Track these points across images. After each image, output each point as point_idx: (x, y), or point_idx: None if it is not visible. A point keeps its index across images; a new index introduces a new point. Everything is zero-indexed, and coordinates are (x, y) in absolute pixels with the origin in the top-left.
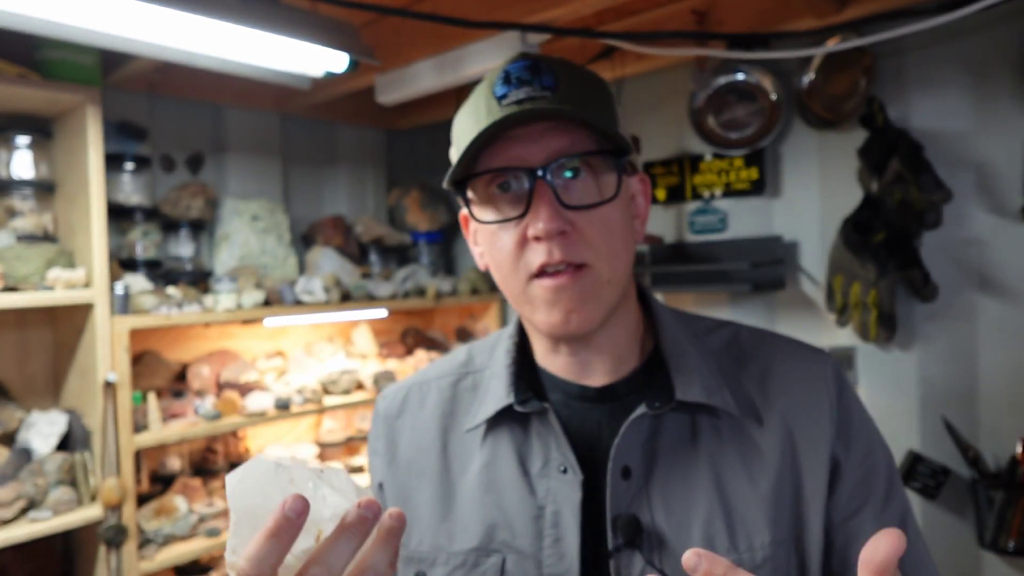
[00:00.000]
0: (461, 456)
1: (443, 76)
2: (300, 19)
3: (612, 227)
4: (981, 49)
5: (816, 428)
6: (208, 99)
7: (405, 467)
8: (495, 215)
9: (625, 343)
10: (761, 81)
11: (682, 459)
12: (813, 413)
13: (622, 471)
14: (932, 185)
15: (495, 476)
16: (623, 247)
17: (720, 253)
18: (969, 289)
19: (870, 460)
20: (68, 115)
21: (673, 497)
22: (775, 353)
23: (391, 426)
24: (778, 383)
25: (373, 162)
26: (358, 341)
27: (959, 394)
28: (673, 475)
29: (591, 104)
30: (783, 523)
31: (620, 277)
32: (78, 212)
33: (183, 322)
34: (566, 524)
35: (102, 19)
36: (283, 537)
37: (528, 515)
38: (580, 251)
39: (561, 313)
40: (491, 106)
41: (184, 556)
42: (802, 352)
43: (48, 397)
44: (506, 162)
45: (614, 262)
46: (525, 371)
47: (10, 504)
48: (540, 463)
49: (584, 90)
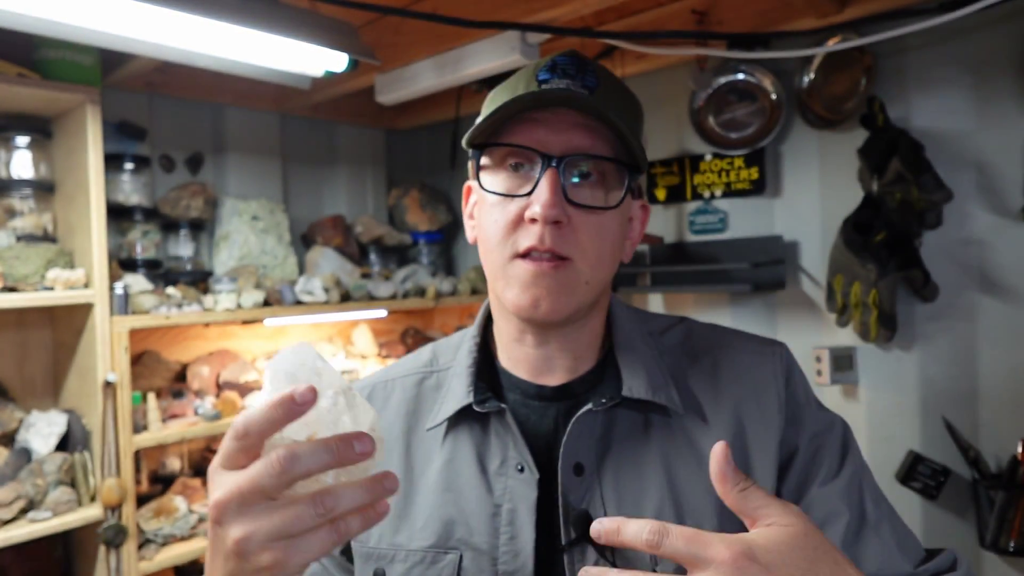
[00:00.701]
0: (422, 455)
1: (443, 76)
2: (300, 19)
3: (604, 233)
4: (982, 49)
5: (764, 418)
6: (208, 99)
7: None
8: (501, 188)
9: (586, 344)
10: (761, 81)
11: (633, 454)
12: (761, 404)
13: (574, 468)
14: (933, 185)
15: (454, 475)
16: (609, 256)
17: (720, 253)
18: (970, 289)
19: (819, 438)
20: (68, 115)
21: (624, 491)
22: (725, 348)
23: None
24: (727, 377)
25: (373, 162)
26: (358, 341)
27: (959, 394)
28: (624, 469)
29: (623, 115)
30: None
31: (599, 281)
32: (78, 212)
33: (183, 322)
34: (521, 521)
35: (102, 19)
36: (279, 412)
37: (485, 513)
38: (568, 245)
39: (531, 297)
40: (531, 86)
41: (184, 556)
42: (751, 345)
43: (48, 397)
44: (527, 142)
45: (597, 265)
46: (485, 370)
47: (9, 504)
48: (498, 462)
49: (620, 101)
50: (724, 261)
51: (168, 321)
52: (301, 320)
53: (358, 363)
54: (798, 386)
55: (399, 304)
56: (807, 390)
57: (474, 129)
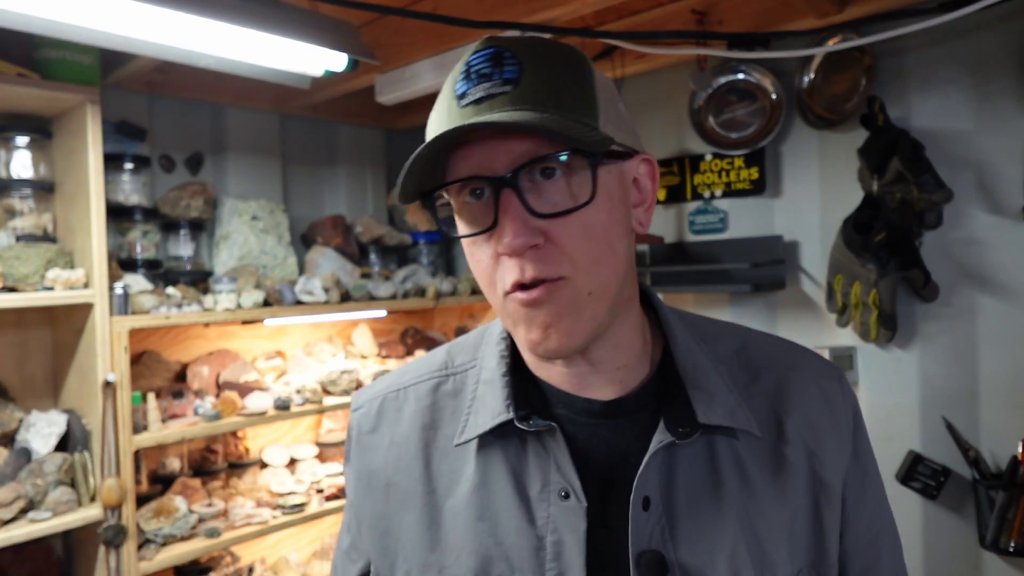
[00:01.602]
0: (447, 474)
1: (443, 76)
2: (300, 19)
3: (591, 231)
4: (982, 49)
5: (835, 453)
6: (207, 99)
7: (383, 491)
8: (465, 228)
9: (629, 354)
10: (761, 81)
11: (702, 486)
12: (832, 435)
13: (643, 501)
14: (933, 185)
15: (488, 500)
16: (607, 252)
17: (720, 253)
18: (970, 289)
19: (877, 525)
20: (67, 115)
21: (695, 529)
22: (791, 368)
23: (364, 444)
24: (794, 399)
25: (373, 162)
26: (358, 341)
27: (960, 394)
28: (694, 504)
29: (559, 94)
30: (806, 549)
31: (605, 287)
32: (77, 212)
33: (183, 322)
34: (569, 558)
35: (101, 18)
36: None
37: (527, 547)
38: (554, 265)
39: (539, 330)
40: (451, 107)
41: (183, 556)
42: (818, 366)
43: (47, 397)
44: (469, 170)
45: (596, 271)
46: (517, 378)
47: (9, 504)
48: (539, 485)
49: (552, 79)
50: (724, 261)
51: (168, 321)
52: (301, 320)
53: (358, 363)
54: (862, 426)
55: (399, 304)
56: (866, 433)
57: (404, 181)
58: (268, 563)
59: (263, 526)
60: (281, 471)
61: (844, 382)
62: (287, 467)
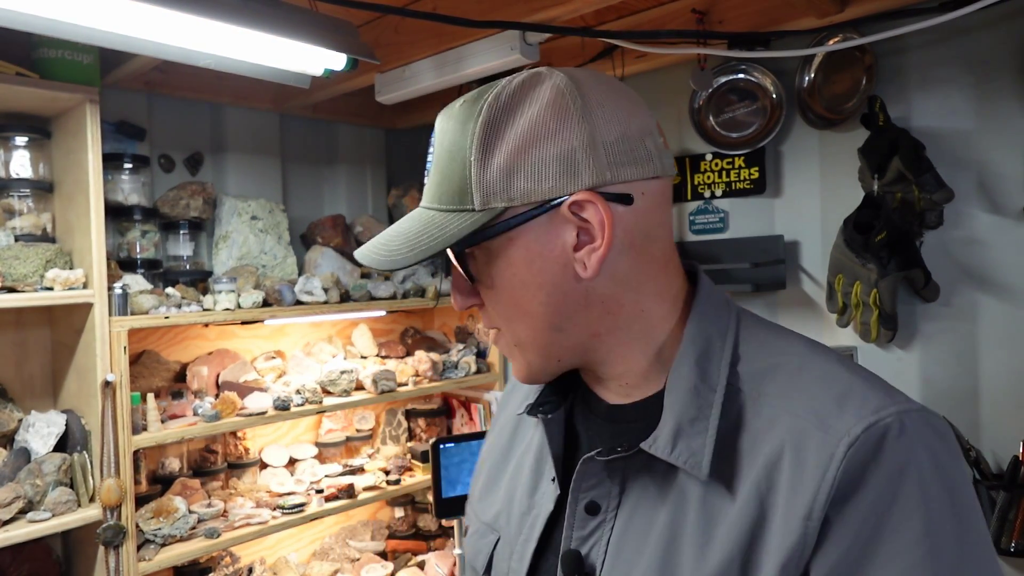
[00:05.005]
0: (520, 437)
1: (443, 75)
2: (300, 18)
3: (499, 297)
4: (983, 48)
5: (781, 523)
6: (207, 98)
7: (496, 435)
8: None
9: (632, 375)
10: (762, 80)
11: (647, 508)
12: (789, 499)
13: (587, 506)
14: (933, 185)
15: (522, 464)
16: (517, 313)
17: (721, 253)
18: (970, 289)
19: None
20: (66, 114)
21: (626, 547)
22: (797, 405)
23: (506, 398)
24: (769, 441)
25: (373, 161)
26: (357, 341)
27: (960, 394)
28: (634, 523)
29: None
30: None
31: (529, 339)
32: (77, 212)
33: (182, 322)
34: (534, 530)
35: (101, 18)
36: None
37: (521, 509)
38: (491, 318)
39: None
40: None
41: (183, 557)
42: (827, 407)
43: (46, 397)
44: None
45: (513, 328)
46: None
47: (8, 505)
48: (549, 464)
49: (438, 167)
50: (724, 261)
51: (167, 321)
52: (300, 320)
53: (358, 363)
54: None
55: (399, 304)
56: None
57: None
58: (268, 563)
59: (262, 526)
60: (281, 471)
61: (846, 439)
62: (287, 467)
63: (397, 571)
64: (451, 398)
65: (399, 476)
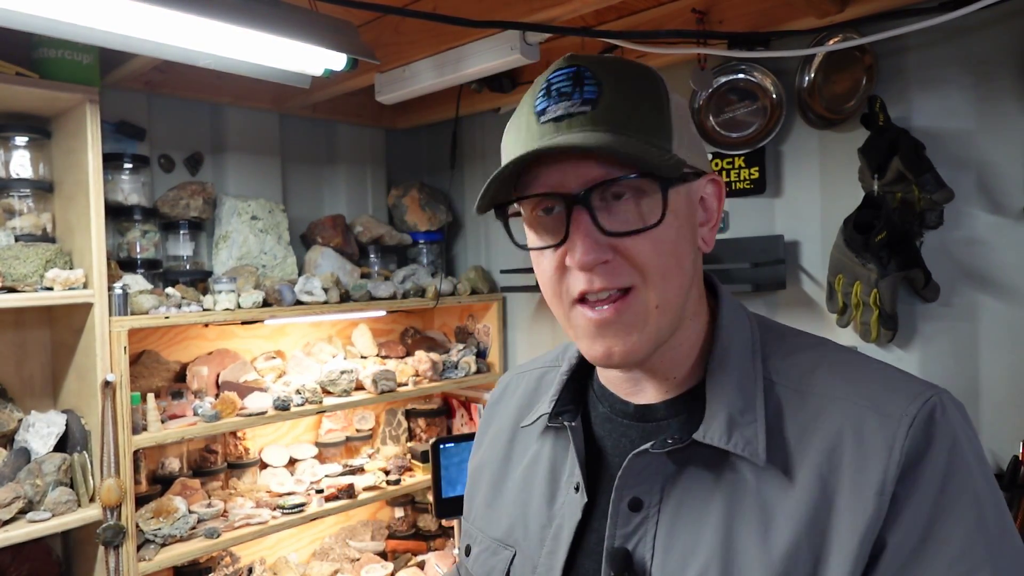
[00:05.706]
0: (520, 448)
1: (443, 75)
2: (299, 18)
3: (661, 247)
4: (983, 48)
5: (852, 502)
6: (207, 98)
7: (486, 448)
8: (536, 240)
9: (682, 367)
10: (762, 80)
11: (698, 500)
12: (859, 477)
13: (630, 502)
14: (933, 185)
15: (532, 476)
16: (675, 266)
17: (721, 253)
18: (970, 289)
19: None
20: (66, 114)
21: (677, 540)
22: (844, 393)
23: (491, 410)
24: (825, 430)
25: (372, 161)
26: (357, 341)
27: (960, 394)
28: (683, 516)
29: (635, 117)
30: None
31: (671, 300)
32: (77, 212)
33: (182, 322)
34: (561, 541)
35: (101, 18)
36: None
37: (540, 523)
38: (624, 276)
39: (603, 347)
40: (531, 123)
41: (183, 557)
42: (878, 394)
43: (46, 397)
44: (543, 187)
45: (664, 284)
46: (582, 377)
47: (8, 505)
48: (566, 474)
49: (629, 101)
50: (724, 261)
51: (167, 321)
52: (300, 320)
53: (358, 363)
54: (929, 473)
55: (399, 304)
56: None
57: (485, 193)
58: (268, 563)
59: (262, 526)
60: (281, 471)
61: (905, 419)
62: (287, 467)
63: (397, 571)
64: (451, 398)
65: (399, 476)
